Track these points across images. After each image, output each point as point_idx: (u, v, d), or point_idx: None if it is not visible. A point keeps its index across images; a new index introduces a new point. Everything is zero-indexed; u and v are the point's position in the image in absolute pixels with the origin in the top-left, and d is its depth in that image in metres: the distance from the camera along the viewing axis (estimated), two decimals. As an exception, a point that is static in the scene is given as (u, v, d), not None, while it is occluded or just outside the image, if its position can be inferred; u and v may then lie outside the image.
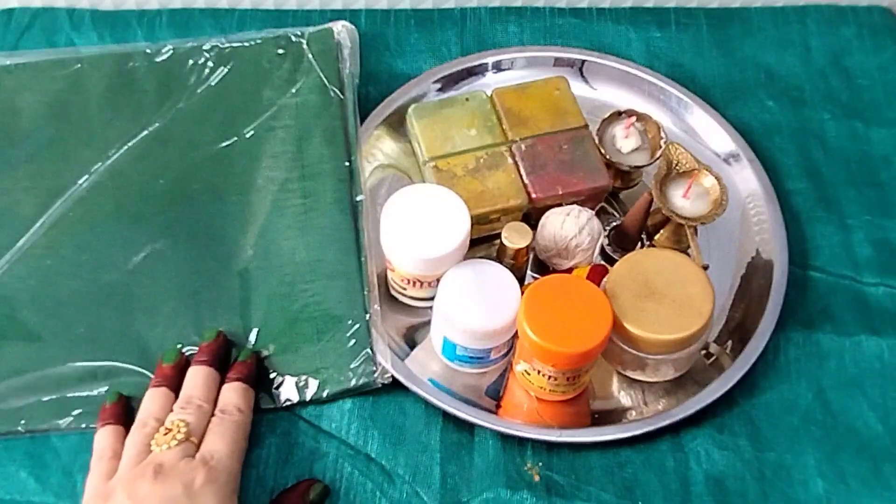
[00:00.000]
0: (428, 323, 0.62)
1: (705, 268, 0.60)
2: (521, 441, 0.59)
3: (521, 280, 0.59)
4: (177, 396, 0.56)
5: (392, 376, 0.59)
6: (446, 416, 0.59)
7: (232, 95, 0.68)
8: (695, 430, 0.60)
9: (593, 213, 0.62)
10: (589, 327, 0.53)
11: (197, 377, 0.56)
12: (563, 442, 0.58)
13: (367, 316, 0.60)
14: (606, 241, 0.66)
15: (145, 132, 0.67)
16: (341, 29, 0.71)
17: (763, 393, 0.61)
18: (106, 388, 0.58)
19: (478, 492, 0.57)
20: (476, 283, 0.57)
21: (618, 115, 0.67)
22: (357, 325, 0.60)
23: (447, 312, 0.56)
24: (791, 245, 0.66)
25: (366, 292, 0.61)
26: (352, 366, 0.59)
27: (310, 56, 0.69)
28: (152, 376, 0.58)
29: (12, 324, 0.60)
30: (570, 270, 0.62)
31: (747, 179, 0.69)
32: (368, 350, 0.59)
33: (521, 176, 0.64)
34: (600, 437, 0.58)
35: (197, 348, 0.59)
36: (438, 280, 0.58)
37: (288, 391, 0.59)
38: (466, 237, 0.57)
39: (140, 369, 0.59)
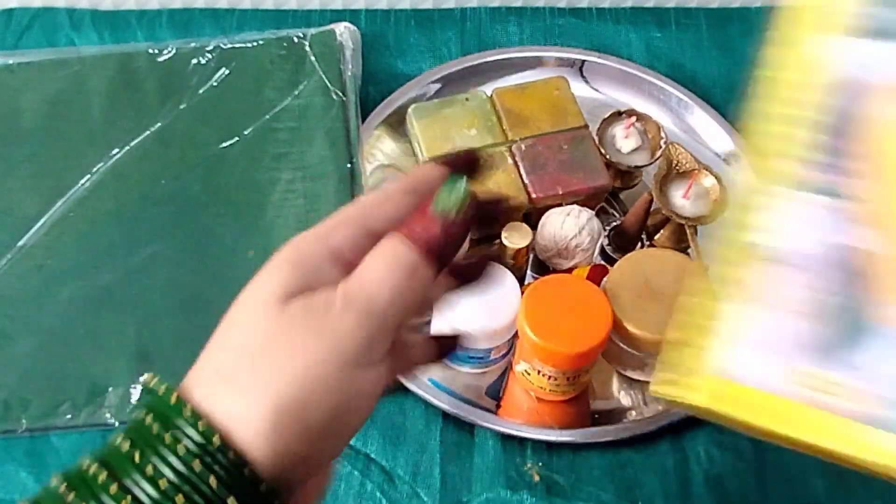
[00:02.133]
0: (428, 323, 0.62)
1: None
2: (521, 441, 0.59)
3: (521, 280, 0.59)
4: None
5: (392, 376, 0.59)
6: (446, 416, 0.59)
7: (234, 96, 0.68)
8: (695, 431, 0.60)
9: (593, 213, 0.62)
10: (589, 327, 0.53)
11: None
12: (563, 442, 0.58)
13: (367, 317, 0.60)
14: (606, 241, 0.66)
15: (147, 132, 0.67)
16: (343, 30, 0.71)
17: (763, 393, 0.61)
18: (104, 388, 0.58)
19: (478, 492, 0.57)
20: (476, 283, 0.57)
21: (618, 115, 0.67)
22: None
23: (447, 312, 0.56)
24: (791, 245, 0.66)
25: (366, 294, 0.61)
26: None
27: (312, 57, 0.69)
28: (149, 376, 0.50)
29: (12, 323, 0.60)
30: (570, 270, 0.62)
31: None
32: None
33: (520, 176, 0.64)
34: (600, 438, 0.58)
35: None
36: (438, 280, 0.58)
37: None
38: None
39: (139, 369, 0.58)
